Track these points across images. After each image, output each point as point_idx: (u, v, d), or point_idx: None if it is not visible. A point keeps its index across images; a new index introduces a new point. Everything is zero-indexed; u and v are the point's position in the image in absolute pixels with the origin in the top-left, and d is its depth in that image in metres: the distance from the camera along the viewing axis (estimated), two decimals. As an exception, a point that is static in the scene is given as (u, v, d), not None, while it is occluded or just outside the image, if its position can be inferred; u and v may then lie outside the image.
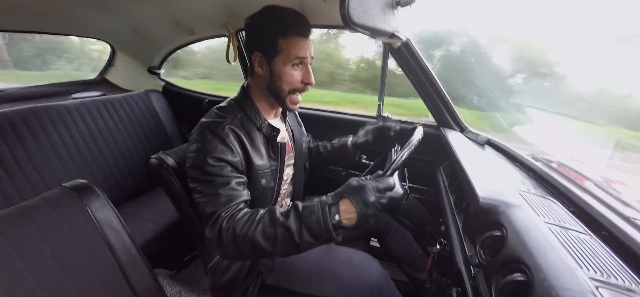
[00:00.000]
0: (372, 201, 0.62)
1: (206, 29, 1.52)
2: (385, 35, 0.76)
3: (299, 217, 0.66)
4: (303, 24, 0.79)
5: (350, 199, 0.64)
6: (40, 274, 0.54)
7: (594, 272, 0.48)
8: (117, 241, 0.65)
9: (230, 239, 0.68)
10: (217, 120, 0.78)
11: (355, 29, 0.58)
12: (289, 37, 0.77)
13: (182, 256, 1.59)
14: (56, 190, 0.64)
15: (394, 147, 1.04)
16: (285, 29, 0.77)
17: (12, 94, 1.58)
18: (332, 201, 0.66)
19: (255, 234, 0.66)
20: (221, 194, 0.72)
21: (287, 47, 0.77)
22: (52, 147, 1.31)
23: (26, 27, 1.48)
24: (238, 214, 0.71)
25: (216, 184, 0.72)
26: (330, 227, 0.63)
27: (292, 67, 0.80)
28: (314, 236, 0.64)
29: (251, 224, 0.68)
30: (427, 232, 0.92)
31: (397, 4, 0.72)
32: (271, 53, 0.79)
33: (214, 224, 0.70)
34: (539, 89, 2.11)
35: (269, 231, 0.66)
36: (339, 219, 0.64)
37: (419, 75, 1.25)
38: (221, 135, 0.74)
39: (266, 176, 0.83)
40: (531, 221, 0.60)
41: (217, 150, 0.73)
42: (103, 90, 1.85)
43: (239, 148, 0.77)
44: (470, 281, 0.65)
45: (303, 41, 0.79)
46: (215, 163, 0.72)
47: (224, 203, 0.71)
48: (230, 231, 0.68)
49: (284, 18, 0.78)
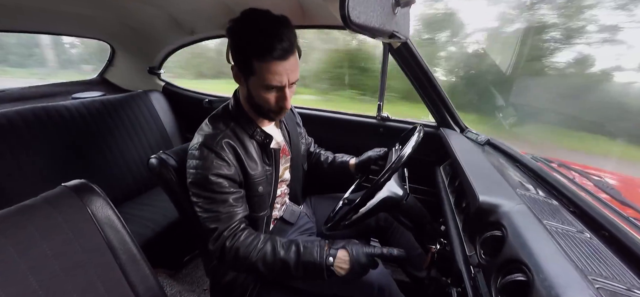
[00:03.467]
0: (363, 263, 0.73)
1: (206, 29, 1.52)
2: (385, 35, 0.76)
3: (298, 254, 0.74)
4: (280, 46, 0.68)
5: (348, 251, 0.74)
6: (41, 274, 0.54)
7: (594, 272, 0.48)
8: (117, 241, 0.65)
9: (232, 259, 0.75)
10: (213, 133, 0.78)
11: (355, 29, 0.57)
12: (264, 61, 0.70)
13: (182, 256, 1.59)
14: (56, 190, 0.64)
15: (395, 147, 1.04)
16: (260, 50, 0.69)
17: (12, 94, 1.58)
18: (332, 246, 0.76)
19: (257, 261, 0.74)
20: (221, 212, 0.76)
21: (260, 71, 0.71)
22: (52, 147, 1.31)
23: (26, 28, 1.48)
24: (241, 234, 0.76)
25: (216, 202, 0.76)
26: (324, 271, 0.73)
27: (266, 90, 0.75)
28: (307, 273, 0.74)
29: (253, 250, 0.75)
30: (427, 231, 0.92)
31: (397, 4, 0.72)
32: (246, 71, 0.74)
33: (217, 240, 0.76)
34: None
35: (269, 260, 0.74)
36: (332, 263, 0.74)
37: (419, 75, 1.25)
38: (216, 149, 0.76)
39: (262, 182, 0.84)
40: (531, 221, 0.60)
41: (214, 166, 0.75)
42: (103, 90, 1.85)
43: (234, 160, 0.78)
44: (470, 281, 0.64)
45: (280, 65, 0.70)
46: (214, 180, 0.75)
47: (224, 220, 0.76)
48: (233, 252, 0.75)
49: (260, 38, 0.68)
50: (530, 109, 2.12)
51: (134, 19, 1.51)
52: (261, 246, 0.75)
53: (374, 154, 1.07)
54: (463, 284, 0.65)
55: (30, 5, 1.19)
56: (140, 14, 1.42)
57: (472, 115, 2.16)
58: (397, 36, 0.80)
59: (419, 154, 1.39)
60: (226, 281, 0.89)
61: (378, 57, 1.34)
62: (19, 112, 1.26)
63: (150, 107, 1.80)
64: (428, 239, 0.91)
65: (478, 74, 2.52)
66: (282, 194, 0.98)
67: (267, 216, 0.90)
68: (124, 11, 1.39)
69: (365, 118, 1.52)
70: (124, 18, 1.49)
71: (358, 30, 0.59)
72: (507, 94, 2.06)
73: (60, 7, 1.27)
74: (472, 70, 2.58)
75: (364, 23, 0.57)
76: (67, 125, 1.39)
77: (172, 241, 1.40)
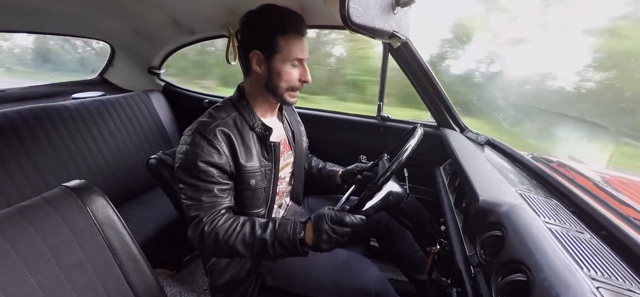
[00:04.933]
0: (324, 229, 0.69)
1: (206, 29, 1.52)
2: (385, 35, 0.76)
3: (274, 232, 0.73)
4: (302, 24, 0.80)
5: (312, 224, 0.71)
6: (40, 274, 0.54)
7: (595, 272, 0.48)
8: (117, 241, 0.65)
9: (212, 243, 0.74)
10: (208, 121, 0.79)
11: (355, 29, 0.58)
12: (289, 36, 0.78)
13: (182, 256, 1.59)
14: (56, 190, 0.64)
15: (385, 156, 1.04)
16: (285, 27, 0.78)
17: (12, 94, 1.57)
18: (303, 220, 0.74)
19: (236, 242, 0.73)
20: (204, 201, 0.76)
21: (286, 46, 0.78)
22: (52, 147, 1.31)
23: (26, 28, 1.48)
24: (220, 219, 0.75)
25: (201, 190, 0.75)
26: (297, 246, 0.71)
27: (291, 66, 0.81)
28: (284, 250, 0.72)
29: (232, 232, 0.74)
30: (427, 232, 0.92)
31: (397, 4, 0.72)
32: (270, 51, 0.79)
33: (196, 226, 0.75)
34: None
35: (248, 241, 0.74)
36: (303, 237, 0.72)
37: (419, 75, 1.25)
38: (208, 136, 0.76)
39: (256, 176, 0.83)
40: (531, 221, 0.60)
41: (203, 153, 0.75)
42: (103, 90, 1.85)
43: (227, 148, 0.78)
44: (470, 281, 0.65)
45: (302, 40, 0.81)
46: (203, 167, 0.74)
47: (206, 208, 0.76)
48: (213, 236, 0.74)
49: (283, 16, 0.79)
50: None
51: (134, 19, 1.51)
52: (239, 228, 0.75)
53: (361, 166, 1.10)
54: (463, 284, 0.65)
55: (30, 5, 1.19)
56: (140, 14, 1.42)
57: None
58: (397, 36, 0.80)
59: (418, 154, 1.40)
60: (226, 280, 0.88)
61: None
62: (19, 112, 1.26)
63: (150, 107, 1.80)
64: (428, 239, 0.91)
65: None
66: (281, 193, 0.97)
67: (265, 215, 0.89)
68: (124, 11, 1.39)
69: (365, 118, 1.52)
70: (123, 18, 1.49)
71: (358, 30, 0.59)
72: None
73: (60, 7, 1.27)
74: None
75: (364, 23, 0.57)
76: (67, 125, 1.39)
77: (172, 241, 1.40)
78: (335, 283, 0.85)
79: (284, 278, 0.89)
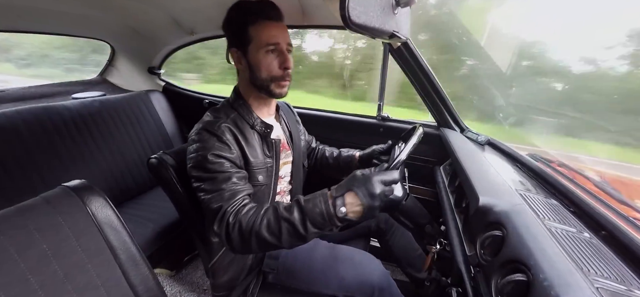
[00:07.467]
0: (378, 193, 0.63)
1: (206, 29, 1.52)
2: (385, 35, 0.76)
3: (302, 211, 0.67)
4: (270, 8, 0.80)
5: (355, 192, 0.64)
6: (41, 274, 0.54)
7: (594, 272, 0.48)
8: (117, 241, 0.65)
9: (237, 235, 0.70)
10: (213, 119, 0.79)
11: (355, 29, 0.57)
12: (258, 23, 0.78)
13: (182, 256, 1.59)
14: (56, 190, 0.64)
15: (398, 144, 1.04)
16: (252, 16, 0.78)
17: (12, 94, 1.57)
18: (337, 193, 0.66)
19: (261, 229, 0.68)
20: (224, 189, 0.73)
21: (256, 33, 0.78)
22: (52, 147, 1.31)
23: (26, 28, 1.48)
24: (243, 209, 0.72)
25: (218, 180, 0.74)
26: (334, 220, 0.64)
27: (266, 54, 0.79)
28: (317, 227, 0.66)
29: (256, 219, 0.69)
30: (427, 232, 0.92)
31: (397, 4, 0.72)
32: (244, 44, 0.80)
33: (222, 219, 0.72)
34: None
35: (274, 226, 0.68)
36: (346, 212, 0.64)
37: (419, 75, 1.25)
38: (217, 133, 0.76)
39: (262, 172, 0.84)
40: (531, 221, 0.60)
41: (215, 147, 0.74)
42: (103, 91, 1.85)
43: (236, 145, 0.78)
44: (470, 281, 0.65)
45: (272, 26, 0.79)
46: (215, 160, 0.74)
47: (228, 198, 0.72)
48: (237, 226, 0.70)
49: (249, 6, 0.79)
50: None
51: (134, 19, 1.51)
52: (263, 214, 0.70)
53: (378, 148, 1.07)
54: (463, 284, 0.65)
55: (30, 5, 1.19)
56: (140, 14, 1.42)
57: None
58: (397, 36, 0.80)
59: (419, 154, 1.40)
60: (228, 278, 0.88)
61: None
62: (19, 112, 1.26)
63: (151, 107, 1.80)
64: (428, 239, 0.91)
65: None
66: (281, 192, 0.97)
67: None
68: (124, 11, 1.39)
69: (366, 118, 1.53)
70: (124, 18, 1.49)
71: (358, 30, 0.59)
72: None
73: (61, 7, 1.27)
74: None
75: (364, 23, 0.57)
76: (67, 125, 1.39)
77: (172, 241, 1.40)
78: (339, 277, 0.85)
79: (286, 274, 0.89)
